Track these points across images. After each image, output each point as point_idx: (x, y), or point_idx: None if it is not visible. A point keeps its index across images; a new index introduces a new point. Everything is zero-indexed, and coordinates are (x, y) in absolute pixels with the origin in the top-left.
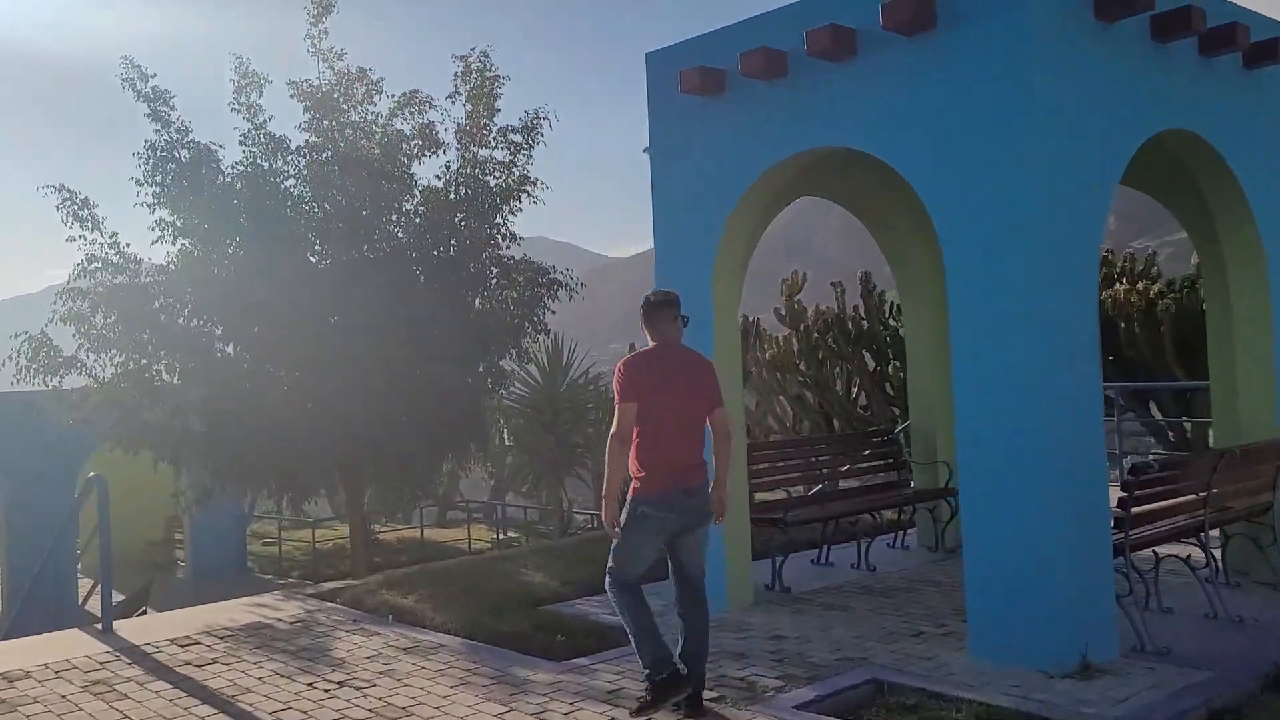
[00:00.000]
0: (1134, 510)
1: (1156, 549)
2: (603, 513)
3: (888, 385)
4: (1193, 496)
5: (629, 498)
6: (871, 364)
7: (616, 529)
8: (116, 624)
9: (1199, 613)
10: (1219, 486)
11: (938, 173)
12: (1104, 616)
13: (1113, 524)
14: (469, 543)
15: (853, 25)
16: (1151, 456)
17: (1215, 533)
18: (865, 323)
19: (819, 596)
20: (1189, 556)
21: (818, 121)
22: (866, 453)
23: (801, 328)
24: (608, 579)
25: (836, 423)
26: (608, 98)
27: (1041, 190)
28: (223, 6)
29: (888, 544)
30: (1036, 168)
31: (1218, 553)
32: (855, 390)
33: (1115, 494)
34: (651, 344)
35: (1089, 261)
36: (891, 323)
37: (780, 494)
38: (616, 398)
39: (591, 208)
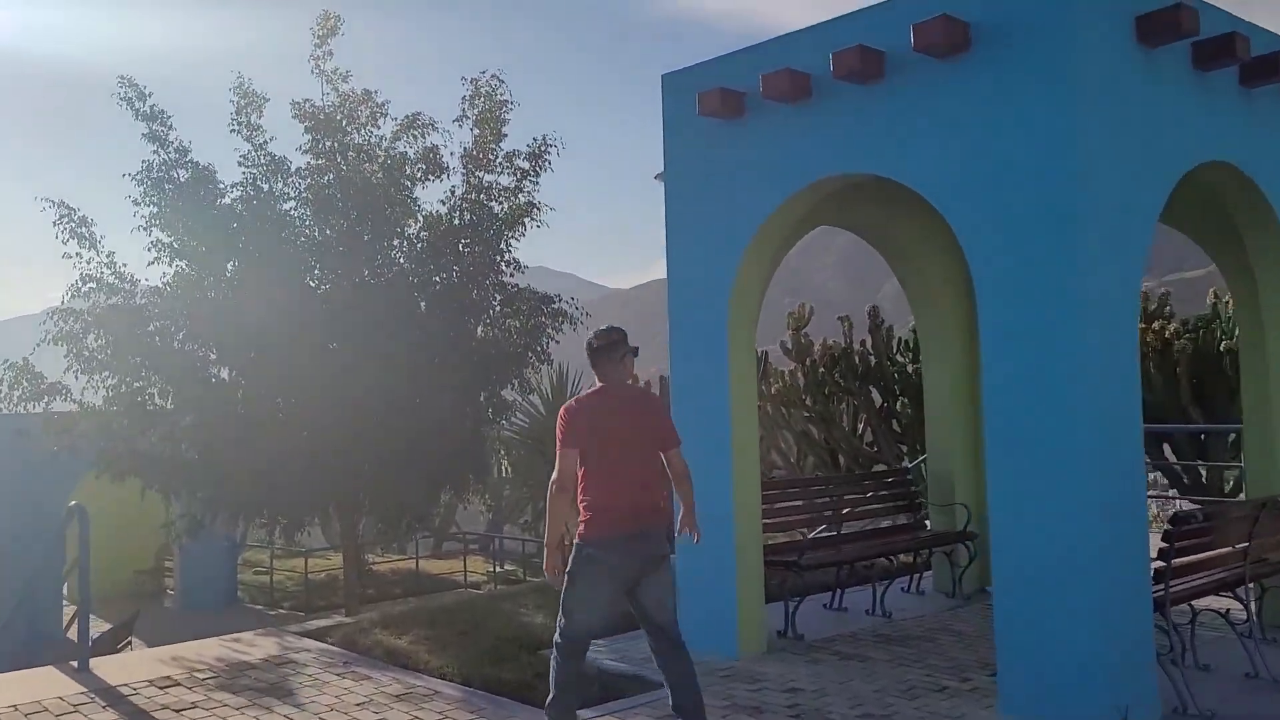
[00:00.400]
0: (1174, 562)
1: (1193, 603)
2: (544, 561)
3: (895, 422)
4: (1232, 548)
5: (575, 542)
6: (878, 400)
7: (560, 575)
8: (94, 661)
9: (1238, 671)
10: (1259, 537)
11: (969, 202)
12: (1145, 676)
13: (1152, 576)
14: (465, 575)
15: (881, 47)
16: (1189, 504)
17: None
18: (873, 358)
19: (834, 644)
20: (1227, 611)
21: (842, 147)
22: (882, 493)
23: (808, 362)
24: (556, 636)
25: (842, 459)
26: (608, 127)
27: (1081, 221)
28: (228, 8)
29: (902, 588)
30: (1076, 197)
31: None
32: (861, 426)
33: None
34: (598, 385)
35: (1129, 297)
36: (899, 359)
37: (783, 534)
38: (558, 443)
39: (592, 238)
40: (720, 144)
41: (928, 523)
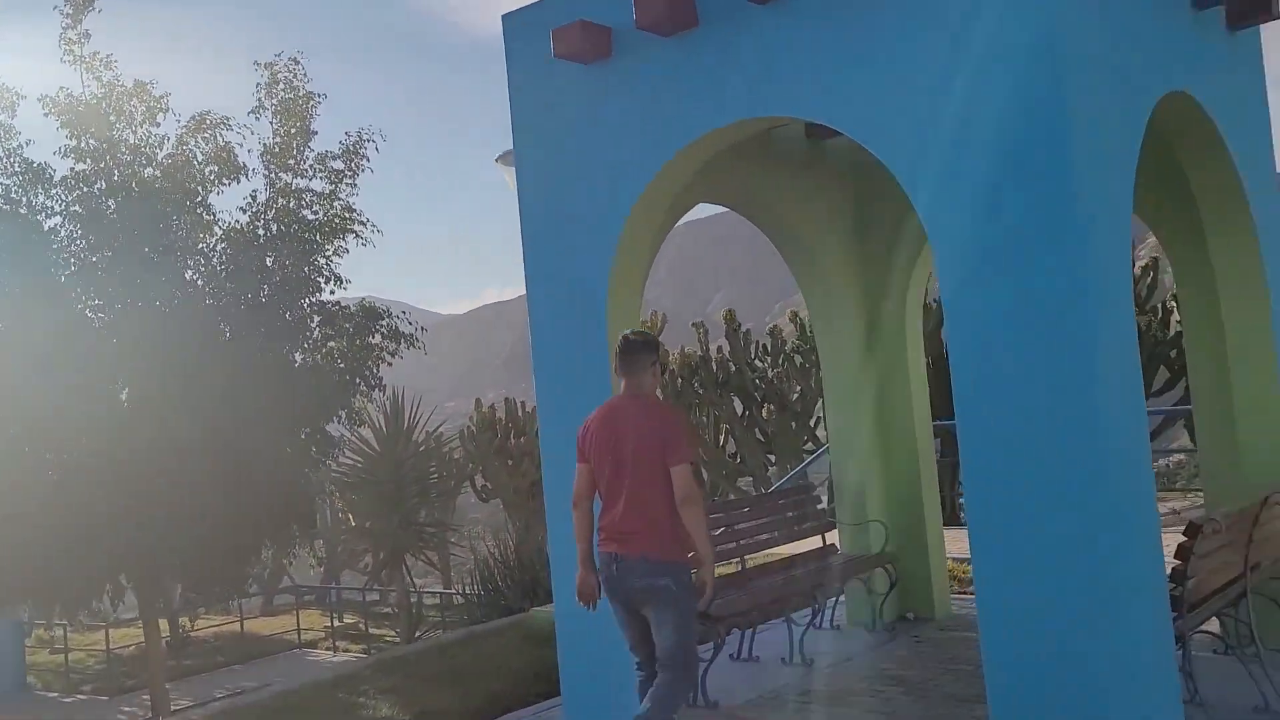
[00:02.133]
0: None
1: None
2: None
3: (758, 431)
4: (1238, 556)
5: None
6: (740, 408)
7: (592, 592)
8: None
9: (1244, 705)
10: (1261, 540)
11: (921, 146)
12: None
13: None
14: (299, 633)
15: None
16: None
17: None
18: (732, 365)
19: (759, 711)
20: (1224, 631)
21: (743, 86)
22: (789, 515)
23: (665, 373)
24: None
25: (706, 474)
26: (428, 144)
27: (1072, 165)
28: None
29: (813, 624)
30: (1065, 135)
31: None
32: (723, 437)
33: None
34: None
35: (1120, 256)
36: (758, 364)
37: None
38: None
39: (420, 265)
40: (584, 97)
41: (838, 545)
